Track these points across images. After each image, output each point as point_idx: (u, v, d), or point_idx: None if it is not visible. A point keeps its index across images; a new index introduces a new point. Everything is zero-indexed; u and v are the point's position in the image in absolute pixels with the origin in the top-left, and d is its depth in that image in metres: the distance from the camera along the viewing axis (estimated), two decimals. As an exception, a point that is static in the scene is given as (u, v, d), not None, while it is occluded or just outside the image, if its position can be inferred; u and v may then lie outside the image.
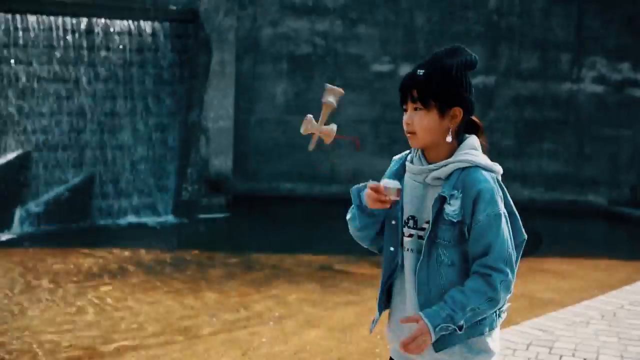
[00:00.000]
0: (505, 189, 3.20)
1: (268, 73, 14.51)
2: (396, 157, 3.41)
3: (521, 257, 3.25)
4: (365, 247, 3.46)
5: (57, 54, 12.04)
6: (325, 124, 3.30)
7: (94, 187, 12.42)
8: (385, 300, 3.37)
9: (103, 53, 12.44)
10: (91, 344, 7.22)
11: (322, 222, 12.00)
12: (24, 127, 11.87)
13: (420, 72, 3.17)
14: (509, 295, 3.13)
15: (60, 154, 12.20)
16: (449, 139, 3.16)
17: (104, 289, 9.00)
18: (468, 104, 3.20)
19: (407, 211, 3.25)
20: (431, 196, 3.18)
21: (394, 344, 3.35)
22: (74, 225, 12.01)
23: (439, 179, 3.17)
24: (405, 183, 3.27)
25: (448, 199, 3.11)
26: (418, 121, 3.16)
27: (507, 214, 3.14)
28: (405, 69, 14.19)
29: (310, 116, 3.27)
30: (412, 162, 3.27)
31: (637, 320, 7.30)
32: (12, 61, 11.68)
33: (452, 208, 3.10)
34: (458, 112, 3.17)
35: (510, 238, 3.12)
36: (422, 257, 3.17)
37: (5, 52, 11.60)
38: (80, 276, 9.49)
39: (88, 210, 12.33)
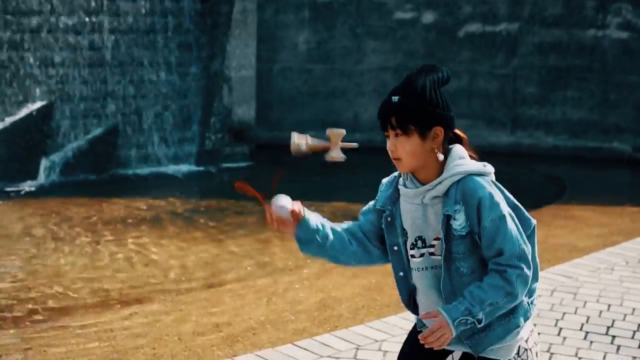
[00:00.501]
0: (501, 186, 3.24)
1: (290, 22, 14.45)
2: (385, 181, 3.44)
3: (547, 205, 3.27)
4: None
5: (79, 3, 12.02)
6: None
7: (118, 137, 12.47)
8: (415, 316, 3.47)
9: (124, 3, 12.41)
10: (118, 290, 7.31)
11: (344, 171, 11.97)
12: (47, 77, 11.90)
13: (395, 98, 3.17)
14: (523, 288, 3.16)
15: (83, 104, 12.24)
16: (440, 156, 3.19)
17: (126, 237, 9.08)
18: (447, 120, 3.20)
19: (413, 233, 3.30)
20: (432, 213, 3.23)
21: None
22: (99, 175, 12.09)
23: (436, 197, 3.21)
24: (402, 207, 3.32)
25: (453, 215, 3.15)
26: (401, 147, 3.18)
27: (511, 213, 3.19)
28: (428, 16, 14.10)
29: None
30: (405, 185, 3.30)
31: (662, 266, 7.30)
32: (34, 13, 11.68)
33: (458, 222, 3.16)
34: (439, 131, 3.18)
35: (520, 233, 3.17)
36: (443, 273, 3.24)
37: (26, 3, 11.59)
38: (106, 225, 9.57)
39: (112, 160, 12.40)
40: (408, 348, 3.53)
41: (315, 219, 3.43)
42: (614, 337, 5.77)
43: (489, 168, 3.25)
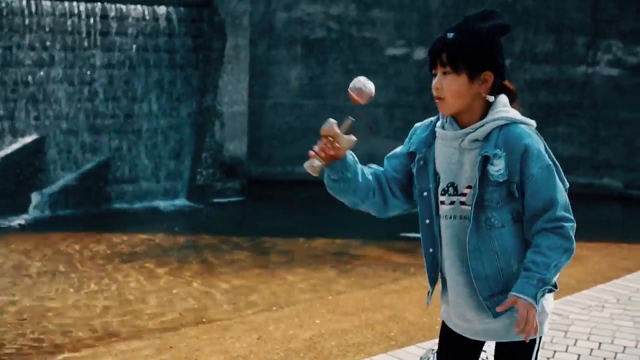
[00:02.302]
0: (544, 142, 3.14)
1: (282, 57, 14.50)
2: (419, 124, 3.33)
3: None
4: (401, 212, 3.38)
5: (72, 39, 12.06)
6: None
7: (109, 171, 12.47)
8: (435, 277, 3.30)
9: (117, 38, 12.47)
10: (105, 327, 7.26)
11: (336, 207, 11.95)
12: (39, 112, 11.91)
13: (451, 35, 3.09)
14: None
15: (75, 138, 12.24)
16: (490, 98, 3.11)
17: (118, 273, 9.04)
18: (499, 68, 3.13)
19: (445, 178, 3.17)
20: (469, 160, 3.11)
21: (451, 318, 3.33)
22: (89, 210, 12.07)
23: (476, 140, 3.09)
24: (437, 151, 3.20)
25: (492, 158, 3.04)
26: (447, 85, 3.08)
27: (556, 164, 3.10)
28: (419, 53, 14.15)
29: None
30: (443, 127, 3.19)
31: (653, 304, 7.28)
32: (27, 47, 11.71)
33: (496, 168, 3.04)
34: (489, 76, 3.10)
35: (564, 186, 3.09)
36: (470, 223, 3.10)
37: (20, 38, 11.62)
38: (94, 260, 9.53)
39: (103, 194, 12.39)
40: (445, 348, 3.42)
41: (351, 157, 3.18)
42: (605, 375, 5.75)
43: (532, 121, 3.15)
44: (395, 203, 3.31)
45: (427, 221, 3.23)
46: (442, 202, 3.19)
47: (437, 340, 3.52)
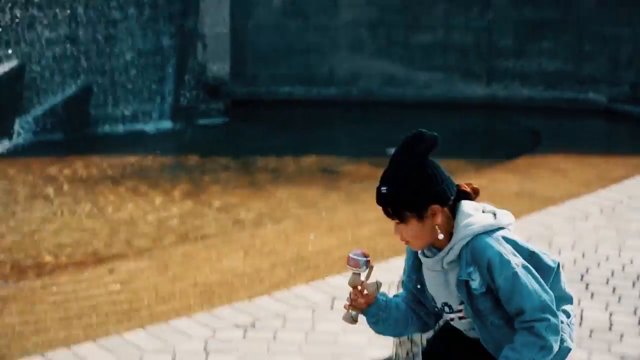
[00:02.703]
0: (514, 239, 3.18)
1: (264, -24, 14.31)
2: (408, 248, 3.35)
3: (522, 155, 3.23)
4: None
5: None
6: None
7: (92, 95, 12.37)
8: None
9: (97, -41, 12.27)
10: (93, 249, 7.29)
11: (321, 125, 11.98)
12: (19, 37, 11.76)
13: (384, 189, 3.12)
14: (555, 337, 3.12)
15: (57, 63, 12.13)
16: (440, 236, 3.14)
17: (104, 195, 9.04)
18: (442, 194, 3.13)
19: (439, 300, 3.28)
20: (453, 278, 3.19)
21: None
22: (73, 134, 11.99)
23: (452, 261, 3.17)
24: (425, 275, 3.29)
25: (468, 277, 3.12)
26: (404, 233, 3.15)
27: (525, 264, 3.13)
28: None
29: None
30: (425, 255, 3.25)
31: (636, 214, 7.36)
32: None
33: (476, 282, 3.12)
34: (436, 209, 3.12)
35: (539, 283, 3.12)
36: (477, 328, 3.23)
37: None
38: (81, 184, 9.52)
39: (86, 118, 12.31)
40: (438, 346, 3.53)
41: (382, 298, 3.33)
42: (587, 284, 5.82)
43: (500, 219, 3.19)
44: (427, 322, 3.45)
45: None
46: (448, 319, 3.35)
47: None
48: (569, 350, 3.26)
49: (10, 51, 11.63)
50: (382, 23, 14.11)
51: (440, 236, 3.14)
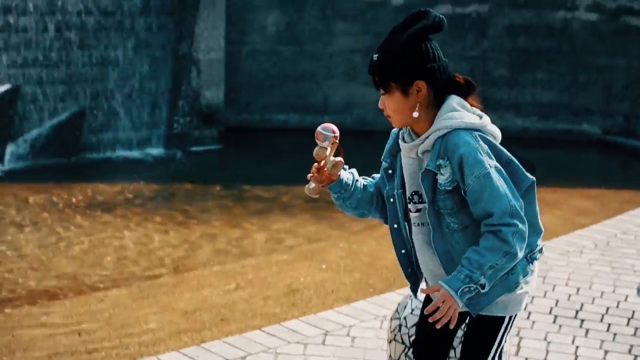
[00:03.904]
0: (493, 142, 3.14)
1: (259, 3, 14.32)
2: (393, 131, 3.37)
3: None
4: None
5: (44, -15, 11.86)
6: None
7: (85, 121, 12.33)
8: (413, 271, 3.40)
9: (92, -16, 12.27)
10: (79, 276, 7.22)
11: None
12: (13, 61, 11.73)
13: (375, 56, 3.12)
14: (521, 243, 3.07)
15: (50, 88, 12.08)
16: (415, 114, 3.11)
17: (93, 222, 8.98)
18: (431, 73, 3.11)
19: (410, 187, 3.25)
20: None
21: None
22: (66, 160, 11.94)
23: (427, 151, 3.14)
24: (402, 161, 3.26)
25: (437, 170, 3.08)
26: (387, 104, 3.15)
27: (500, 167, 3.09)
28: (397, -2, 14.03)
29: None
30: (404, 139, 3.24)
31: (630, 249, 7.31)
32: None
33: (444, 177, 3.08)
34: (421, 85, 3.10)
35: (510, 188, 3.07)
36: (432, 230, 3.17)
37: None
38: (70, 210, 9.46)
39: (79, 144, 12.26)
40: (420, 335, 3.49)
41: (348, 177, 3.36)
42: (582, 320, 5.77)
43: (484, 120, 3.15)
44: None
45: (395, 226, 3.36)
46: (410, 210, 3.27)
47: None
48: (516, 284, 3.19)
49: (2, 75, 11.59)
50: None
51: (415, 114, 3.11)
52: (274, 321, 5.67)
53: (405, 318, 4.25)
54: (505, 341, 3.36)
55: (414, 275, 3.40)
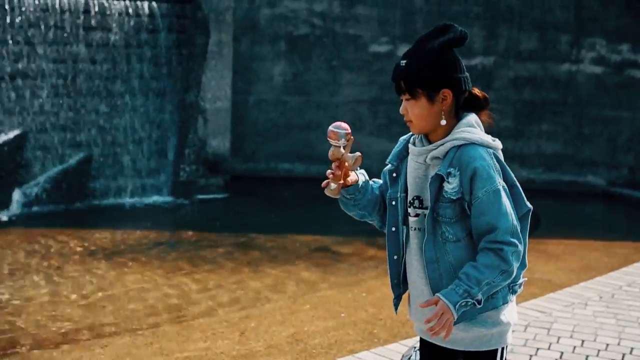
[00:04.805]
0: (504, 163, 3.23)
1: (266, 54, 14.45)
2: (402, 138, 3.45)
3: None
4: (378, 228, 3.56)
5: (54, 33, 11.98)
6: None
7: (92, 167, 12.39)
8: (398, 283, 3.46)
9: (100, 34, 12.39)
10: (82, 325, 7.20)
11: (319, 203, 11.92)
12: (21, 107, 11.82)
13: (403, 62, 3.21)
14: (517, 264, 3.16)
15: (58, 134, 12.17)
16: (442, 122, 3.20)
17: (98, 269, 8.99)
18: (457, 83, 3.21)
19: (412, 191, 3.32)
20: (432, 174, 3.23)
21: (417, 324, 3.45)
22: (72, 206, 12.00)
23: (437, 158, 3.21)
24: (408, 165, 3.34)
25: (445, 177, 3.15)
26: (411, 110, 3.21)
27: (506, 188, 3.18)
28: (403, 50, 14.11)
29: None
30: (414, 143, 3.32)
31: (635, 301, 7.29)
32: (10, 42, 11.63)
33: (450, 186, 3.15)
34: (447, 93, 3.19)
35: (513, 210, 3.16)
36: (426, 235, 3.24)
37: (1, 32, 11.54)
38: (74, 257, 9.47)
39: (85, 190, 12.31)
40: (424, 353, 3.52)
41: (362, 180, 3.42)
42: (587, 373, 5.74)
43: (496, 143, 3.25)
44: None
45: (393, 229, 3.40)
46: (409, 214, 3.35)
47: (419, 338, 3.55)
48: (494, 308, 3.23)
49: (11, 121, 11.67)
50: (382, 102, 14.22)
51: (443, 122, 3.19)
52: (277, 371, 5.66)
53: (409, 369, 4.24)
54: None
55: (398, 288, 3.47)
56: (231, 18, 13.44)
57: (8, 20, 11.58)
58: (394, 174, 3.37)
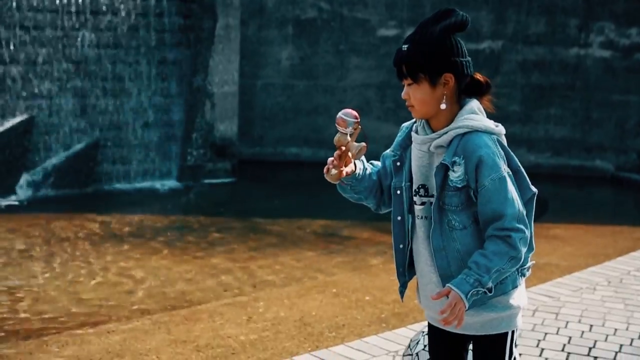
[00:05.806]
0: (508, 148, 3.22)
1: (273, 38, 14.43)
2: (404, 125, 3.45)
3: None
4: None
5: (61, 17, 11.96)
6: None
7: (99, 152, 12.40)
8: (403, 272, 3.45)
9: (108, 17, 12.37)
10: (92, 310, 7.22)
11: (327, 187, 11.93)
12: (29, 92, 11.82)
13: (405, 47, 3.20)
14: (525, 249, 3.16)
15: (65, 118, 12.17)
16: (442, 105, 3.19)
17: (106, 254, 9.00)
18: (459, 67, 3.19)
19: (417, 180, 3.31)
20: (437, 162, 3.22)
21: (428, 311, 3.46)
22: (79, 190, 12.01)
23: (441, 146, 3.20)
24: (412, 153, 3.33)
25: (450, 166, 3.14)
26: (413, 95, 3.21)
27: (511, 174, 3.17)
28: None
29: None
30: (417, 131, 3.31)
31: (644, 286, 7.28)
32: (17, 26, 11.61)
33: (456, 174, 3.14)
34: (449, 77, 3.18)
35: (519, 196, 3.16)
36: (433, 224, 3.23)
37: (9, 17, 11.53)
38: (83, 241, 9.49)
39: (93, 175, 12.33)
40: (434, 344, 3.54)
41: (360, 167, 3.42)
42: (595, 357, 5.72)
43: (500, 129, 3.23)
44: (385, 201, 3.51)
45: (399, 218, 3.39)
46: (415, 203, 3.34)
47: (427, 323, 3.56)
48: (504, 293, 3.25)
49: (18, 106, 11.67)
50: (390, 86, 14.19)
51: (443, 106, 3.17)
52: (285, 355, 5.66)
53: (417, 354, 4.24)
54: (515, 358, 3.40)
55: (403, 277, 3.47)
56: (238, 2, 13.41)
57: (15, 4, 11.57)
58: (398, 163, 3.37)
